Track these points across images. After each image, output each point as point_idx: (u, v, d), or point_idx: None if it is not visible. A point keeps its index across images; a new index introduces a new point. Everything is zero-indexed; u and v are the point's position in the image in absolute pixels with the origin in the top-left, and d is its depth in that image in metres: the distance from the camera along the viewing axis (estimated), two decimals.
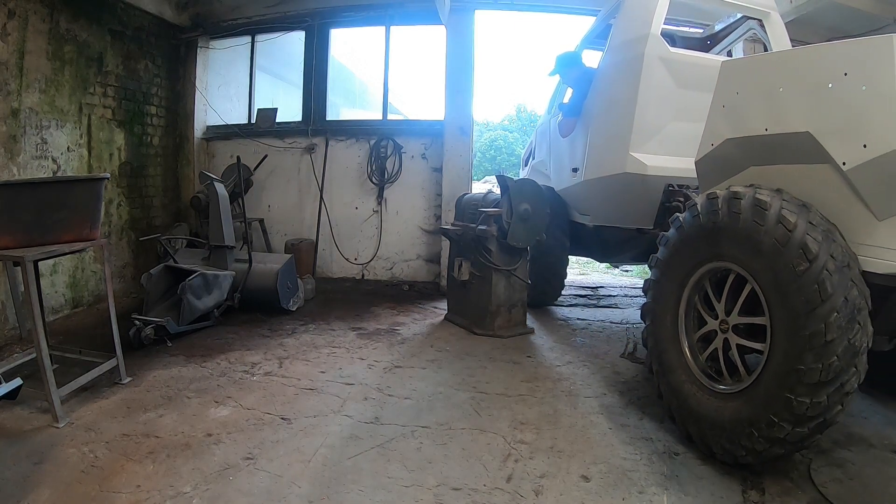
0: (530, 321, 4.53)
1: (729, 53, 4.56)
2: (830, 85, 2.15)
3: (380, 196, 6.10)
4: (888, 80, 1.95)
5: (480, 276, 4.28)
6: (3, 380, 2.26)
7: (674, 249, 2.66)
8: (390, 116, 6.50)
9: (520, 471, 2.31)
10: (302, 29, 6.24)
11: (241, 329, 4.27)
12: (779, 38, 3.90)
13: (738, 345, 2.36)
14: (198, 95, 6.19)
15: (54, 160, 4.45)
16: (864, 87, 2.04)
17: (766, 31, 3.97)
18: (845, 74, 2.10)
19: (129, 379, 3.16)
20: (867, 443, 2.59)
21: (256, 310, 4.68)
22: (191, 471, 2.24)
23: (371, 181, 6.09)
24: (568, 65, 4.37)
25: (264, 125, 6.27)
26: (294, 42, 6.41)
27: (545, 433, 2.65)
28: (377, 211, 6.13)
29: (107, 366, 3.05)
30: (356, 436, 2.58)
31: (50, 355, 2.71)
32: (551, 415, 2.86)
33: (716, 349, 2.49)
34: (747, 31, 4.23)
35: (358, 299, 5.43)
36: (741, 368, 2.33)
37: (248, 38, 6.44)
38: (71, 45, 4.57)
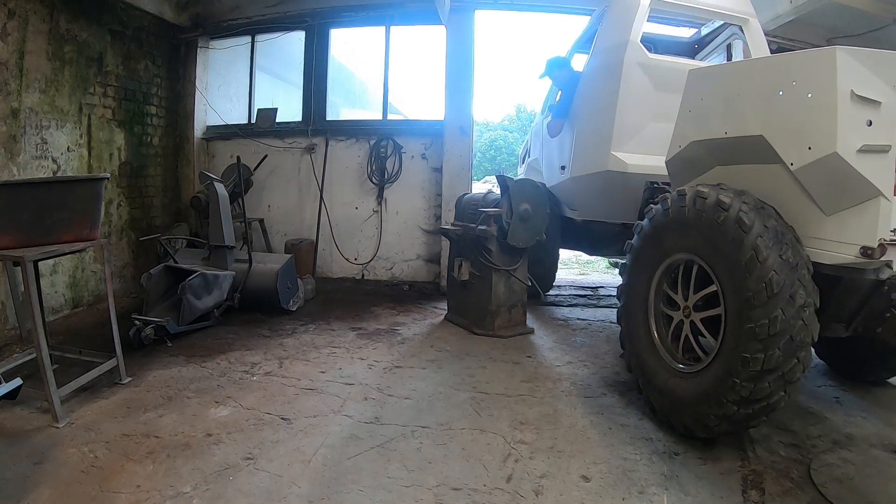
0: (530, 321, 4.53)
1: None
2: (781, 93, 2.36)
3: (380, 196, 6.10)
4: (830, 89, 2.15)
5: (480, 276, 4.28)
6: (3, 380, 2.26)
7: (646, 239, 2.88)
8: (390, 116, 6.50)
9: (520, 471, 2.31)
10: (302, 29, 6.24)
11: (241, 329, 4.27)
12: (758, 45, 4.10)
13: (697, 330, 2.61)
14: (198, 95, 6.19)
15: (54, 160, 4.45)
16: (809, 95, 2.26)
17: (745, 37, 4.16)
18: (794, 83, 2.32)
19: (129, 379, 3.16)
20: (867, 443, 2.59)
21: (256, 310, 4.68)
22: (191, 471, 2.24)
23: (371, 181, 6.09)
24: (557, 68, 4.55)
25: (264, 125, 6.27)
26: (294, 42, 6.41)
27: (545, 433, 2.65)
28: (377, 211, 6.13)
29: (107, 366, 3.05)
30: (356, 436, 2.58)
31: (50, 355, 2.71)
32: (551, 415, 2.86)
33: (679, 332, 2.72)
34: (730, 36, 4.41)
35: (358, 299, 5.43)
36: (699, 352, 2.58)
37: (248, 38, 6.44)
38: (71, 45, 4.57)
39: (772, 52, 6.22)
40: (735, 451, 2.49)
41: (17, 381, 2.20)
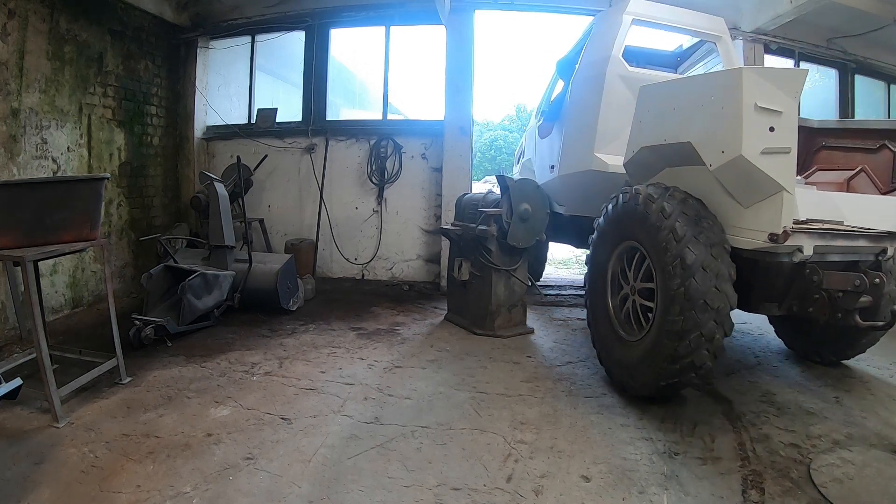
0: (530, 321, 4.52)
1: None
2: (702, 106, 2.79)
3: (380, 196, 6.10)
4: (737, 102, 2.56)
5: (480, 276, 4.28)
6: (3, 380, 2.26)
7: (603, 230, 3.38)
8: (390, 116, 6.50)
9: (520, 471, 2.31)
10: (302, 29, 6.24)
11: (241, 329, 4.27)
12: (731, 59, 4.54)
13: (640, 304, 3.06)
14: (198, 95, 6.19)
15: (54, 160, 4.45)
16: (722, 108, 2.66)
17: (720, 52, 4.62)
18: (712, 98, 2.73)
19: (129, 379, 3.16)
20: (867, 443, 2.59)
21: (256, 310, 4.68)
22: (191, 471, 2.24)
23: (371, 181, 6.09)
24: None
25: (264, 125, 6.27)
26: (294, 42, 6.41)
27: (545, 433, 2.65)
28: (377, 211, 6.13)
29: (107, 366, 3.05)
30: (356, 436, 2.58)
31: (50, 355, 2.71)
32: (551, 415, 2.86)
33: (628, 307, 3.18)
34: (707, 51, 4.88)
35: (358, 299, 5.43)
36: (644, 323, 3.00)
37: (248, 38, 6.44)
38: (71, 45, 4.57)
39: (772, 52, 6.27)
40: (735, 451, 2.49)
41: (17, 381, 2.19)
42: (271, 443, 2.50)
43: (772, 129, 2.54)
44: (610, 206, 3.30)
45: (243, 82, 6.59)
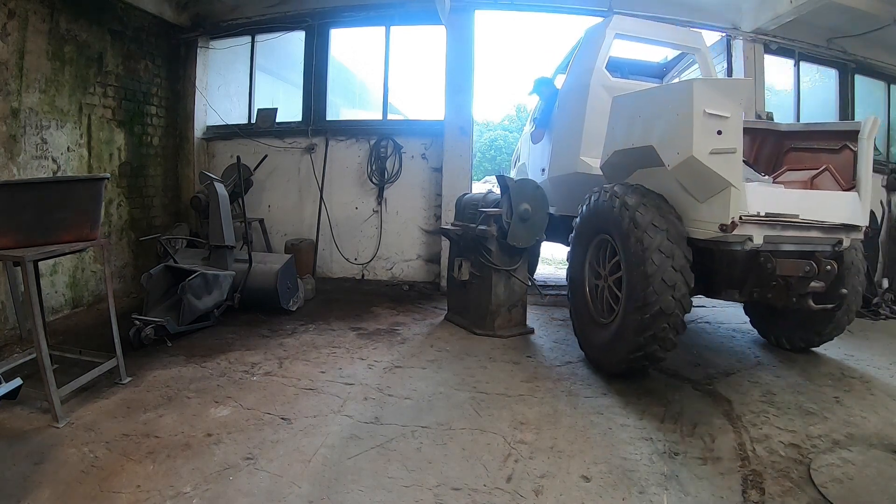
0: (530, 321, 4.52)
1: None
2: (661, 113, 3.17)
3: (380, 196, 6.10)
4: (688, 109, 2.90)
5: (480, 276, 4.28)
6: (3, 380, 2.26)
7: (580, 225, 3.77)
8: (390, 116, 6.50)
9: (520, 471, 2.31)
10: (302, 29, 6.24)
11: (241, 329, 4.27)
12: (708, 69, 4.88)
13: (612, 291, 3.44)
14: (198, 95, 6.19)
15: (54, 160, 4.45)
16: (677, 115, 3.01)
17: (699, 64, 4.97)
18: (669, 107, 3.11)
19: (129, 379, 3.16)
20: (867, 443, 2.59)
21: (256, 310, 4.68)
22: (191, 471, 2.24)
23: (371, 181, 6.09)
24: (543, 86, 5.34)
25: (264, 125, 6.27)
26: (294, 42, 6.41)
27: (545, 433, 2.65)
28: (377, 211, 6.13)
29: (107, 366, 3.05)
30: (356, 436, 2.58)
31: (50, 355, 2.70)
32: (551, 415, 2.86)
33: (602, 293, 3.55)
34: (689, 62, 5.26)
35: (358, 299, 5.43)
36: (614, 307, 3.37)
37: (248, 38, 6.44)
38: (71, 45, 4.57)
39: (772, 52, 6.27)
40: (735, 451, 2.49)
41: (17, 381, 2.20)
42: (271, 443, 2.50)
43: (719, 133, 2.89)
44: (585, 205, 3.69)
45: (243, 82, 6.59)
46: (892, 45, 6.27)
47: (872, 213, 5.96)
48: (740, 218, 2.92)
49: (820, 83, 6.83)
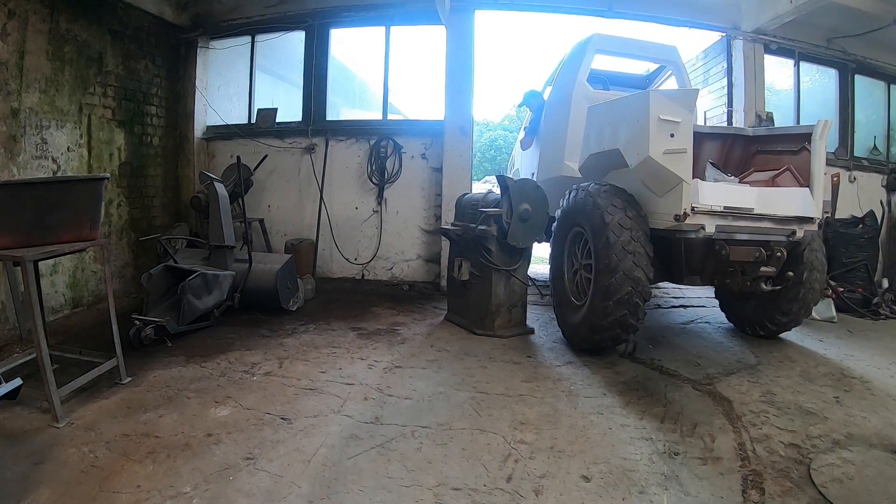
0: (530, 321, 4.52)
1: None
2: (625, 120, 3.63)
3: (380, 196, 6.10)
4: (645, 116, 3.33)
5: (480, 276, 4.28)
6: (3, 380, 2.26)
7: (560, 218, 4.19)
8: (390, 116, 6.50)
9: (520, 471, 2.31)
10: (302, 29, 6.24)
11: (241, 329, 4.27)
12: (683, 81, 5.36)
13: (584, 277, 3.88)
14: (198, 95, 6.19)
15: (54, 160, 4.45)
16: (637, 121, 3.44)
17: (674, 75, 5.46)
18: (631, 114, 3.57)
19: (129, 379, 3.16)
20: (867, 443, 2.59)
21: (256, 310, 4.68)
22: (191, 471, 2.24)
23: (371, 181, 6.09)
24: (532, 98, 5.89)
25: (264, 125, 6.27)
26: (294, 42, 6.41)
27: (545, 433, 2.65)
28: (377, 211, 6.13)
29: (107, 366, 3.05)
30: (356, 436, 2.58)
31: (50, 355, 2.70)
32: (551, 415, 2.86)
33: (577, 279, 4.02)
34: (668, 74, 5.67)
35: (358, 299, 5.43)
36: (586, 291, 3.78)
37: (248, 38, 6.44)
38: (71, 45, 4.57)
39: (772, 52, 6.28)
40: (735, 451, 2.49)
41: (17, 381, 2.19)
42: (271, 443, 2.50)
43: (672, 136, 3.31)
44: (564, 200, 4.11)
45: (243, 82, 6.58)
46: (892, 45, 6.27)
47: (872, 213, 5.99)
48: (692, 209, 3.34)
49: (820, 83, 6.83)
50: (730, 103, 6.33)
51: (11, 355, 3.37)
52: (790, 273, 3.75)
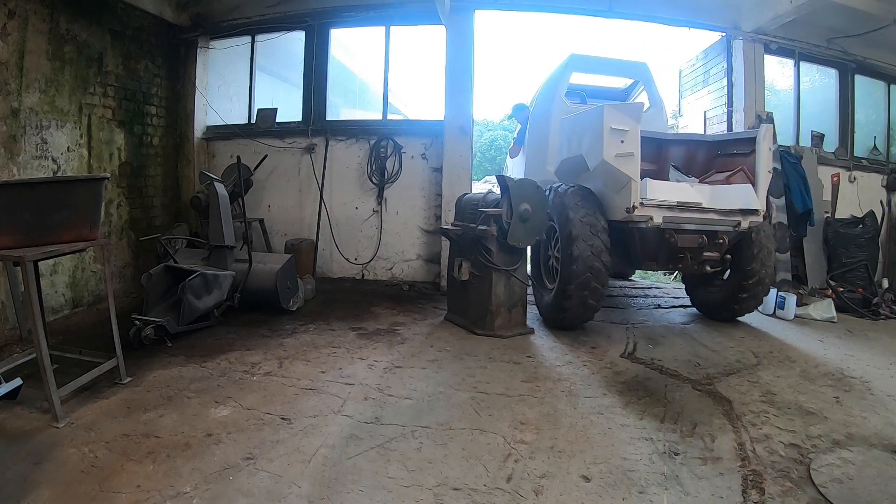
0: (530, 321, 4.53)
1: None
2: (586, 130, 4.27)
3: (380, 196, 6.10)
4: (600, 126, 3.98)
5: (480, 276, 4.28)
6: (3, 380, 2.27)
7: None
8: (390, 116, 6.50)
9: (520, 471, 2.31)
10: (302, 29, 6.24)
11: (241, 329, 4.27)
12: (652, 93, 5.83)
13: (555, 265, 4.46)
14: (198, 95, 6.18)
15: (54, 160, 4.45)
16: (594, 130, 4.04)
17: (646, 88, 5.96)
18: (590, 125, 4.19)
19: (129, 379, 3.16)
20: (867, 443, 2.59)
21: (256, 310, 4.68)
22: (191, 471, 2.24)
23: (371, 181, 6.09)
24: (520, 111, 6.66)
25: (264, 125, 6.27)
26: (294, 42, 6.41)
27: (545, 433, 2.65)
28: (377, 211, 6.13)
29: (107, 366, 3.05)
30: (356, 436, 2.58)
31: (50, 355, 2.70)
32: (551, 415, 2.86)
33: (550, 267, 4.63)
34: (641, 88, 6.11)
35: (358, 299, 5.43)
36: (555, 277, 4.37)
37: (247, 38, 6.44)
38: (71, 45, 4.57)
39: (772, 52, 6.29)
40: (735, 451, 2.49)
41: (17, 381, 2.20)
42: (271, 443, 2.50)
43: (622, 142, 3.90)
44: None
45: (243, 82, 6.58)
46: (892, 45, 6.27)
47: (872, 213, 6.00)
48: (641, 203, 3.92)
49: (820, 83, 6.83)
50: (730, 103, 6.33)
51: (11, 355, 3.37)
52: (728, 255, 4.31)
